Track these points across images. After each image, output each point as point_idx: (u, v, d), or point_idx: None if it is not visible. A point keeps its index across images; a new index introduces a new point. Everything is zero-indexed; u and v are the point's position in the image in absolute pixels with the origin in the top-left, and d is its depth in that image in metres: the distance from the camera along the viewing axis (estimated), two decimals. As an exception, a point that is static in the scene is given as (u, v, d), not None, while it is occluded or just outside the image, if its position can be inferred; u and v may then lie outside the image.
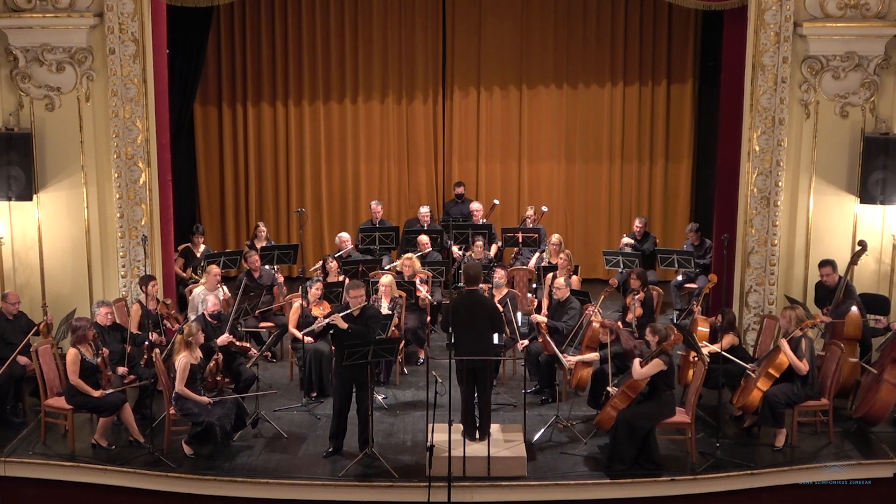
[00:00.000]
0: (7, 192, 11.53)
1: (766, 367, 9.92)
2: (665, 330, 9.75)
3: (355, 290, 9.78)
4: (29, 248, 11.88)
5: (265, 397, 10.71)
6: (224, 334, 10.44)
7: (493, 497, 9.32)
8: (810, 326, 10.01)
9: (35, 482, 9.73)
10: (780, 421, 9.87)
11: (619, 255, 13.33)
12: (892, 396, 10.04)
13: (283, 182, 15.68)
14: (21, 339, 10.47)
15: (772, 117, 11.59)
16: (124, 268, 11.83)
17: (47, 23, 11.37)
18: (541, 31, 15.17)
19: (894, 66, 11.51)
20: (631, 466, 9.46)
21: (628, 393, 9.58)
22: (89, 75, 11.61)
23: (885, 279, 11.55)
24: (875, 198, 11.46)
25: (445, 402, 9.26)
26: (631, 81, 15.30)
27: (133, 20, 11.43)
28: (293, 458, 9.83)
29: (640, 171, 15.54)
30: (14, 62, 11.54)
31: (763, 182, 11.74)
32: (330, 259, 12.49)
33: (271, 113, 15.50)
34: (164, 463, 9.59)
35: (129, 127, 11.64)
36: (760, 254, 11.85)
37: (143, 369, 10.39)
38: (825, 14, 11.40)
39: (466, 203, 14.73)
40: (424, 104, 15.50)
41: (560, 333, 10.94)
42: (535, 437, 10.10)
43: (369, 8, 15.14)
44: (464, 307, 9.66)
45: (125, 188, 11.73)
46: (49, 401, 10.01)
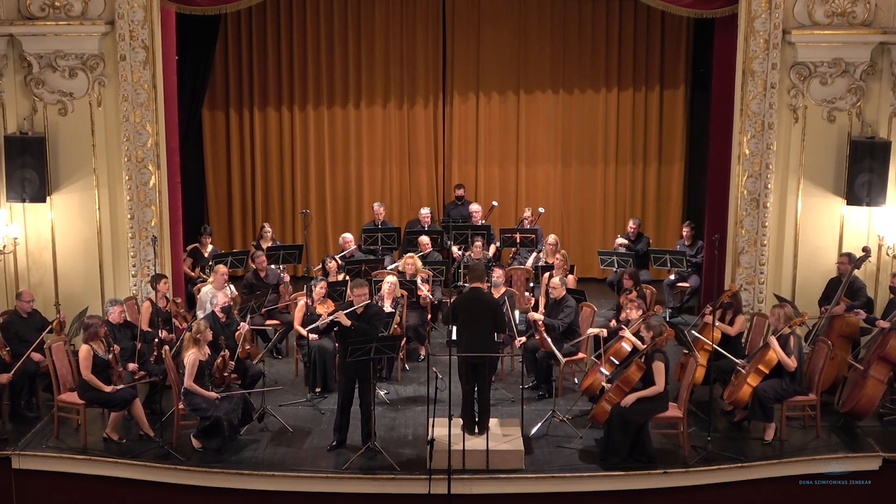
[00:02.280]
0: (21, 194, 11.52)
1: (756, 364, 9.93)
2: (659, 326, 9.77)
3: (359, 288, 9.78)
4: (43, 248, 11.87)
5: (271, 393, 10.71)
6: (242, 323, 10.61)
7: (492, 489, 9.32)
8: (798, 324, 10.03)
9: (48, 474, 9.74)
10: (770, 415, 9.87)
11: (614, 254, 13.34)
12: (878, 392, 10.04)
13: (288, 184, 15.67)
14: (35, 336, 10.47)
15: (761, 121, 11.59)
16: (135, 267, 11.83)
17: (60, 30, 11.37)
18: (537, 39, 15.17)
19: (880, 72, 11.51)
20: (625, 459, 9.45)
21: (622, 387, 9.58)
22: (101, 81, 11.61)
23: (871, 278, 11.54)
24: (861, 199, 11.46)
25: (445, 397, 9.26)
26: (625, 87, 15.30)
27: (143, 28, 11.42)
28: (298, 451, 9.83)
29: (634, 174, 15.54)
30: (28, 68, 11.53)
31: (753, 184, 11.74)
32: (329, 259, 12.47)
33: (277, 117, 15.49)
34: (174, 456, 9.59)
35: (139, 131, 11.63)
36: (750, 254, 11.85)
37: (152, 365, 10.39)
38: (813, 22, 11.40)
39: (466, 205, 14.72)
40: (425, 109, 15.49)
41: (556, 331, 10.94)
42: (533, 431, 10.10)
43: (372, 16, 15.14)
44: (468, 304, 9.66)
45: (135, 190, 11.72)
46: (62, 396, 10.02)
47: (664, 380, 9.49)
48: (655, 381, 9.47)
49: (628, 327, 10.37)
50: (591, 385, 10.13)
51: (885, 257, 11.54)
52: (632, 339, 10.04)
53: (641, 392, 9.50)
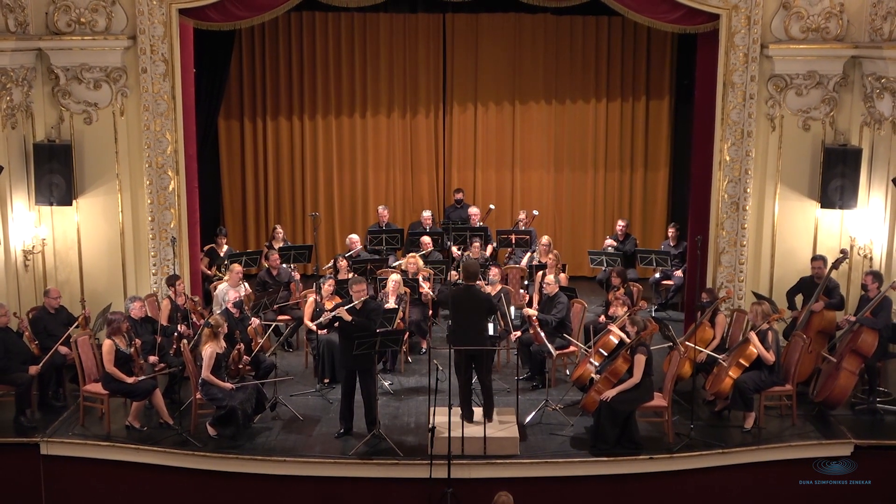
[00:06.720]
0: (49, 198, 11.51)
1: (737, 357, 9.91)
2: (643, 322, 9.78)
3: (357, 285, 9.77)
4: (69, 248, 11.86)
5: (283, 383, 10.70)
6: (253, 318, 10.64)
7: (489, 474, 9.30)
8: (776, 320, 10.02)
9: (74, 460, 9.73)
10: (750, 405, 9.86)
11: (603, 254, 13.35)
12: (850, 383, 10.02)
13: (298, 188, 15.66)
14: (62, 331, 10.45)
15: (741, 130, 11.57)
16: (155, 266, 11.81)
17: (85, 45, 11.35)
18: (532, 53, 15.17)
19: (851, 83, 11.50)
20: (613, 446, 9.44)
21: (610, 378, 9.57)
22: (124, 92, 11.59)
23: (843, 277, 11.52)
24: (834, 203, 11.45)
25: (446, 387, 9.25)
26: (613, 98, 15.29)
27: (163, 42, 11.41)
28: (308, 438, 9.81)
29: (622, 179, 15.53)
30: (55, 80, 11.52)
31: (733, 189, 11.72)
32: (340, 258, 12.48)
33: (288, 126, 15.49)
34: (191, 443, 9.57)
35: (159, 139, 11.62)
36: (730, 254, 11.83)
37: (172, 358, 10.37)
38: (789, 37, 11.39)
39: (465, 208, 14.70)
40: (426, 118, 15.48)
41: (549, 325, 10.93)
42: (527, 420, 10.08)
43: (377, 32, 15.13)
44: (462, 299, 9.65)
45: (156, 194, 11.71)
46: (87, 387, 10.00)
47: (642, 372, 9.46)
48: (634, 373, 9.46)
49: (615, 322, 10.37)
50: (582, 376, 10.12)
51: (857, 257, 11.52)
52: (619, 333, 10.04)
53: (620, 386, 9.49)
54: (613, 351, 9.94)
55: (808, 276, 11.04)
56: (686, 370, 10.09)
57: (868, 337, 9.97)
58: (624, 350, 9.65)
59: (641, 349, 9.52)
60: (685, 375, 10.13)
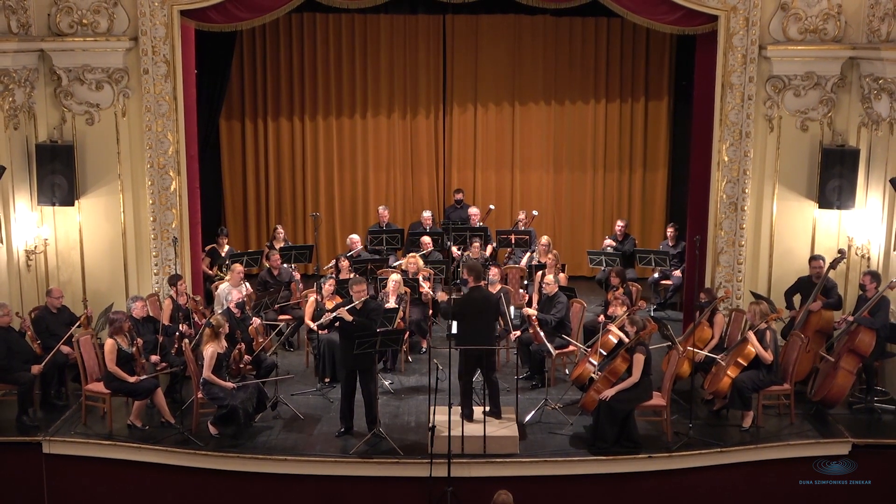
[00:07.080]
0: (52, 199, 11.49)
1: (735, 357, 9.90)
2: (642, 321, 9.76)
3: (357, 285, 9.75)
4: (71, 248, 11.84)
5: (284, 382, 10.69)
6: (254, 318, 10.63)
7: (489, 472, 9.29)
8: (774, 320, 10.00)
9: (76, 459, 9.72)
10: (748, 404, 9.85)
11: (602, 254, 13.32)
12: (848, 382, 10.01)
13: (299, 189, 15.64)
14: (64, 330, 10.44)
15: (739, 131, 11.55)
16: (157, 266, 11.79)
17: (87, 46, 11.33)
18: (531, 54, 15.15)
19: (849, 84, 11.47)
20: (612, 445, 9.43)
21: (609, 378, 9.55)
22: (125, 93, 11.57)
23: (841, 276, 11.50)
24: (832, 203, 11.42)
25: (446, 387, 9.23)
26: (612, 99, 15.27)
27: (165, 43, 11.38)
28: (308, 437, 9.80)
29: (621, 180, 15.51)
30: (58, 81, 11.50)
31: (731, 189, 11.69)
32: (342, 258, 12.46)
33: (289, 127, 15.47)
34: (193, 442, 9.56)
35: (160, 140, 11.60)
36: (729, 254, 11.80)
37: (173, 357, 10.36)
38: (787, 38, 11.37)
39: (465, 208, 14.68)
40: (427, 119, 15.46)
41: (548, 325, 10.90)
42: (527, 419, 10.06)
43: (377, 33, 15.12)
44: (473, 303, 9.64)
45: (157, 195, 11.68)
46: (89, 386, 9.99)
47: (641, 371, 9.44)
48: (633, 372, 9.44)
49: (614, 322, 10.34)
50: (581, 375, 10.09)
51: (855, 257, 11.50)
52: (618, 333, 10.02)
53: (619, 385, 9.47)
54: (612, 350, 9.92)
55: (806, 275, 11.02)
56: (685, 369, 10.08)
57: (866, 336, 9.95)
58: (623, 350, 9.63)
59: (640, 349, 9.49)
60: (684, 375, 10.12)
